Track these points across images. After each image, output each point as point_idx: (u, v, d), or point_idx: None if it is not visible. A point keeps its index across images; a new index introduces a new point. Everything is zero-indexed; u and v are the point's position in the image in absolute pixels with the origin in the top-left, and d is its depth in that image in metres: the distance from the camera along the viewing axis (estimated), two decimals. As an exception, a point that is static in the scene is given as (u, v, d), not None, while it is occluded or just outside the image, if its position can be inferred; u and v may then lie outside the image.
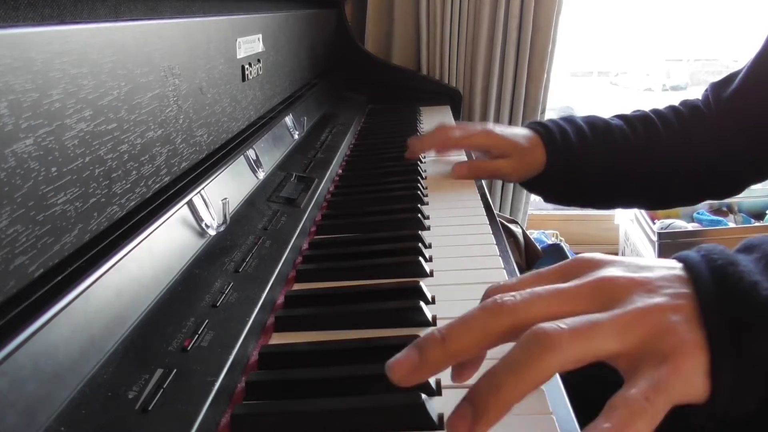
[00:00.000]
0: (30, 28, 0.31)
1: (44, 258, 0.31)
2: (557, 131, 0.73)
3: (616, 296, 0.28)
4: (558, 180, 0.74)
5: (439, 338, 0.29)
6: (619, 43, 2.49)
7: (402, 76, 1.36)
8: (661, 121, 0.73)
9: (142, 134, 0.43)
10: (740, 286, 0.27)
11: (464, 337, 0.29)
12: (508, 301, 0.29)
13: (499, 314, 0.28)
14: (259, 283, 0.44)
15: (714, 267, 0.29)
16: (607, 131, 0.73)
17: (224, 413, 0.33)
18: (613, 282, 0.29)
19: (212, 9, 0.58)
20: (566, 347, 0.26)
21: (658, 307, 0.27)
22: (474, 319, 0.29)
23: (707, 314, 0.27)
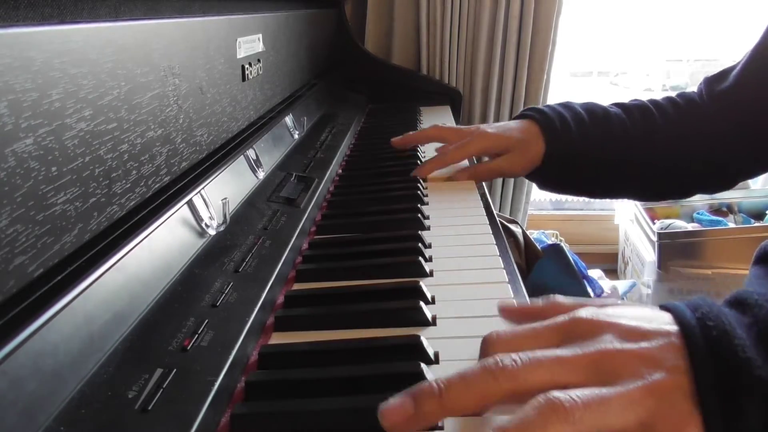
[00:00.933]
0: (30, 28, 0.31)
1: (44, 258, 0.31)
2: (556, 118, 0.72)
3: (616, 370, 0.29)
4: (555, 169, 0.73)
5: (437, 392, 0.29)
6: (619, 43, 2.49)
7: (402, 76, 1.36)
8: (659, 112, 0.73)
9: (142, 134, 0.43)
10: (734, 362, 0.27)
11: (462, 396, 0.29)
12: (509, 366, 0.29)
13: (500, 378, 0.29)
14: (258, 283, 0.44)
15: (709, 338, 0.29)
16: (605, 119, 0.72)
17: (224, 413, 0.33)
18: (614, 356, 0.29)
19: (212, 9, 0.58)
20: (579, 419, 0.26)
21: (658, 386, 0.28)
22: (474, 379, 0.29)
23: (702, 391, 0.27)
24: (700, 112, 0.72)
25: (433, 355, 0.37)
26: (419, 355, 0.37)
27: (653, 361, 0.29)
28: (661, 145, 0.71)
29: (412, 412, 0.29)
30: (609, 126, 0.72)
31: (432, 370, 0.35)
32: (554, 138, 0.71)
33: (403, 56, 1.43)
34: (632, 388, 0.27)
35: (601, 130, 0.72)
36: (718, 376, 0.27)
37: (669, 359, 0.29)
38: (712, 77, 0.74)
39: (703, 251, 1.59)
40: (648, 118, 0.72)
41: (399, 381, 0.34)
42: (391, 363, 0.36)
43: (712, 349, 0.28)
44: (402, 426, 0.29)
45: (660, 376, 0.28)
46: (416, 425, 0.29)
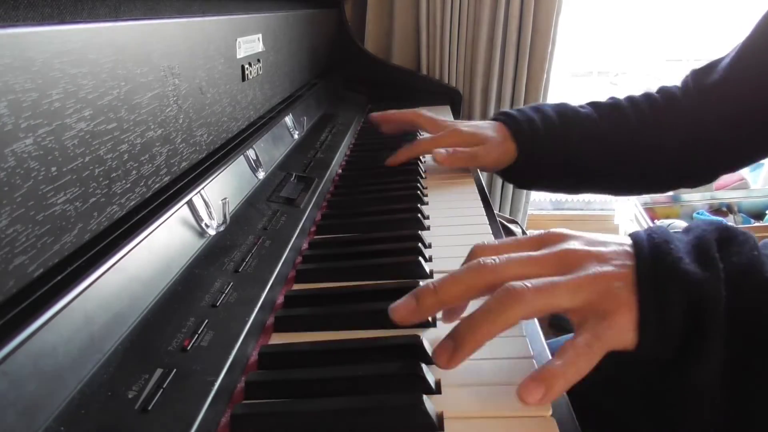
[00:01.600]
0: (30, 28, 0.31)
1: (44, 258, 0.31)
2: (524, 121, 0.73)
3: (573, 264, 0.35)
4: (527, 169, 0.74)
5: (433, 289, 0.36)
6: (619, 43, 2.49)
7: (402, 76, 1.36)
8: (633, 108, 0.73)
9: (142, 134, 0.43)
10: (668, 260, 0.34)
11: (452, 289, 0.36)
12: (489, 263, 0.36)
13: (482, 273, 0.36)
14: (258, 283, 0.44)
15: (652, 244, 0.35)
16: (575, 119, 0.73)
17: (224, 413, 0.33)
18: (573, 253, 0.36)
19: (212, 9, 0.58)
20: (529, 300, 0.33)
21: (604, 275, 0.34)
22: (461, 275, 0.36)
23: (641, 282, 0.33)
24: (680, 106, 0.73)
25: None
26: (419, 355, 0.37)
27: (605, 259, 0.35)
28: (633, 140, 0.72)
29: (415, 306, 0.36)
30: (579, 126, 0.73)
31: (432, 370, 0.35)
32: (523, 141, 0.72)
33: (403, 56, 1.43)
34: (582, 275, 0.34)
35: (571, 130, 0.73)
36: (654, 270, 0.34)
37: (618, 258, 0.35)
38: (699, 70, 0.74)
39: (703, 251, 1.58)
40: (619, 115, 0.73)
41: (399, 381, 0.34)
42: (391, 363, 0.36)
43: (654, 250, 0.35)
44: (408, 318, 0.36)
45: (608, 268, 0.35)
46: (419, 317, 0.36)
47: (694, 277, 0.33)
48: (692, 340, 0.32)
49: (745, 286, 0.33)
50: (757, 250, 0.35)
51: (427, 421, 0.31)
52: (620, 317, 0.33)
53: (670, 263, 0.34)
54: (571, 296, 0.34)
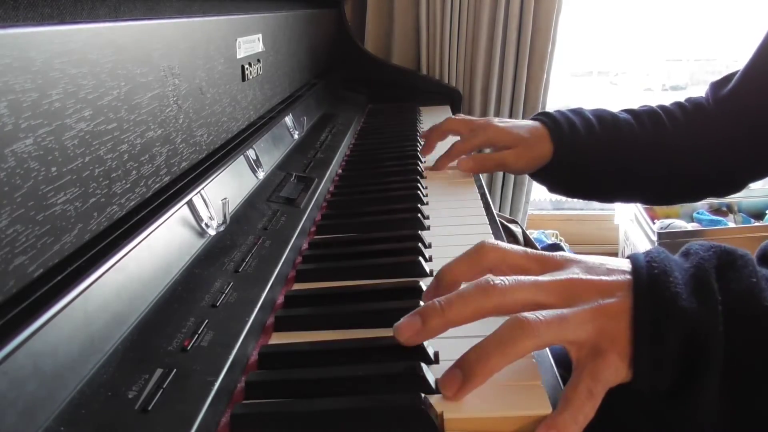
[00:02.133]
0: (30, 28, 0.31)
1: (44, 258, 0.31)
2: (565, 123, 0.73)
3: (578, 295, 0.35)
4: (564, 172, 0.74)
5: (440, 309, 0.35)
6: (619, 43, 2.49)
7: (402, 76, 1.36)
8: (668, 117, 0.74)
9: (142, 134, 0.43)
10: (665, 295, 0.34)
11: (460, 310, 0.35)
12: (498, 285, 0.35)
13: (490, 295, 0.35)
14: (258, 283, 0.44)
15: (651, 275, 0.35)
16: (615, 124, 0.73)
17: (224, 413, 0.33)
18: (578, 283, 0.36)
19: (212, 9, 0.58)
20: (541, 334, 0.33)
21: (605, 308, 0.34)
22: (470, 296, 0.35)
23: (637, 317, 0.33)
24: (707, 117, 0.73)
25: (433, 354, 0.37)
26: (419, 355, 0.37)
27: (608, 290, 0.35)
28: (670, 150, 0.72)
29: (421, 327, 0.35)
30: (618, 131, 0.73)
31: (432, 369, 0.35)
32: (562, 141, 0.72)
33: (403, 56, 1.43)
34: (587, 309, 0.34)
35: (610, 135, 0.73)
36: (652, 304, 0.33)
37: (620, 289, 0.35)
38: (717, 82, 0.74)
39: (703, 251, 1.58)
40: (657, 124, 0.73)
41: (399, 381, 0.34)
42: (391, 363, 0.36)
43: (652, 283, 0.34)
44: (413, 339, 0.35)
45: (609, 301, 0.35)
46: (424, 338, 0.36)
47: (692, 314, 0.33)
48: (689, 374, 0.33)
49: (743, 316, 0.33)
50: (756, 276, 0.34)
51: (427, 421, 0.31)
52: (615, 354, 0.33)
53: (667, 299, 0.33)
54: (576, 330, 0.34)
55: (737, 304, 0.33)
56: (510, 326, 0.33)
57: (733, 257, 0.36)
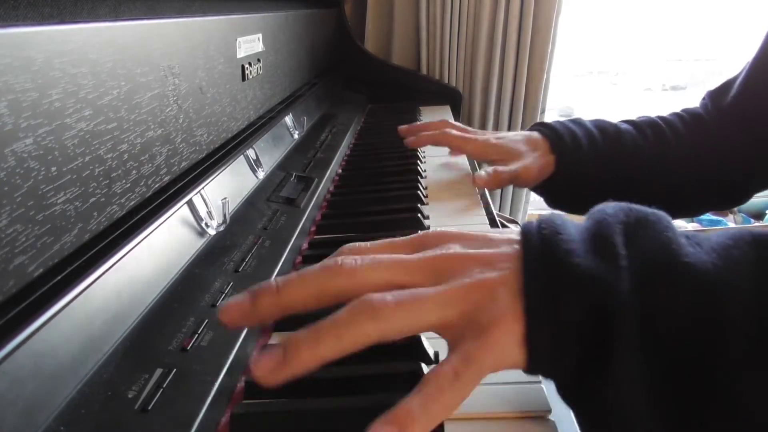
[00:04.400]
0: (30, 28, 0.31)
1: (44, 257, 0.31)
2: (567, 135, 0.70)
3: (450, 272, 0.30)
4: (566, 186, 0.71)
5: (275, 288, 0.29)
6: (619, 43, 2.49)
7: (402, 75, 1.36)
8: (670, 129, 0.71)
9: (142, 134, 0.43)
10: (557, 255, 0.28)
11: (298, 291, 0.29)
12: (348, 264, 0.29)
13: (336, 275, 0.29)
14: (259, 282, 0.44)
15: (541, 237, 0.30)
16: (617, 137, 0.70)
17: (224, 413, 0.33)
18: (452, 258, 0.30)
19: (212, 8, 0.58)
20: (387, 317, 0.27)
21: (485, 281, 0.29)
22: (312, 275, 0.30)
23: (527, 286, 0.28)
24: (707, 128, 0.71)
25: (433, 355, 0.37)
26: (419, 355, 0.37)
27: (488, 262, 0.30)
28: (673, 163, 0.70)
29: (249, 307, 0.29)
30: (621, 142, 0.70)
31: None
32: (565, 155, 0.69)
33: (403, 56, 1.43)
34: (457, 284, 0.29)
35: (613, 148, 0.70)
36: (542, 269, 0.28)
37: (504, 261, 0.30)
38: (715, 91, 0.72)
39: (703, 251, 1.58)
40: (660, 136, 0.71)
41: (399, 381, 0.34)
42: (391, 363, 0.36)
43: (541, 246, 0.29)
44: (239, 320, 0.29)
45: (491, 274, 0.29)
46: (252, 321, 0.30)
47: (590, 274, 0.27)
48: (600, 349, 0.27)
49: (656, 276, 0.27)
50: (671, 231, 0.29)
51: (427, 421, 0.31)
52: (500, 332, 0.27)
53: (559, 259, 0.28)
54: (441, 311, 0.28)
55: (649, 264, 0.28)
56: (350, 307, 0.28)
57: (644, 213, 0.31)
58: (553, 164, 0.69)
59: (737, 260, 0.27)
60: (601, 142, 0.70)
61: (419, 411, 0.26)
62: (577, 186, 0.71)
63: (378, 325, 0.27)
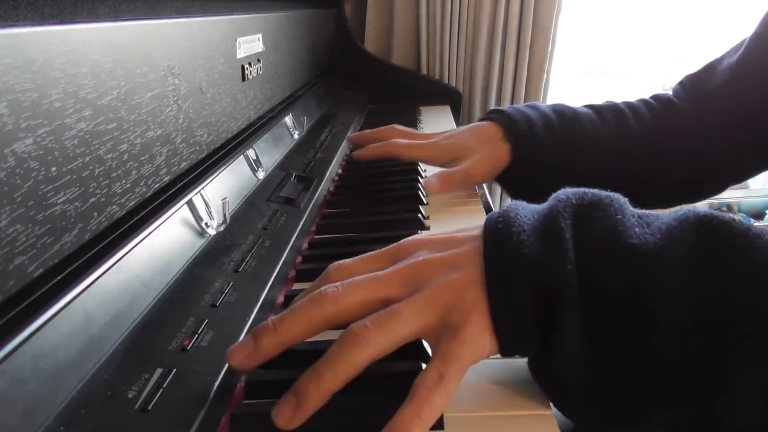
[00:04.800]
0: (30, 28, 0.31)
1: (44, 258, 0.31)
2: (521, 119, 0.65)
3: (422, 279, 0.32)
4: (522, 173, 0.66)
5: (272, 327, 0.32)
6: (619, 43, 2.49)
7: (402, 75, 1.36)
8: (634, 115, 0.68)
9: (142, 134, 0.43)
10: (509, 246, 0.31)
11: (293, 326, 0.32)
12: (330, 293, 0.32)
13: (322, 304, 0.32)
14: (258, 282, 0.44)
15: (496, 231, 0.32)
16: (574, 121, 0.66)
17: (224, 413, 0.33)
18: (420, 265, 0.33)
19: (212, 9, 0.58)
20: (372, 340, 0.30)
21: (451, 282, 0.31)
22: (301, 309, 0.33)
23: (487, 280, 0.31)
24: (680, 115, 0.68)
25: (433, 354, 0.37)
26: (419, 354, 0.37)
27: (454, 263, 0.32)
28: (636, 149, 0.66)
29: (253, 348, 0.32)
30: (579, 128, 0.66)
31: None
32: (520, 142, 0.65)
33: (403, 56, 1.43)
34: (427, 291, 0.31)
35: (571, 131, 0.66)
36: (496, 262, 0.31)
37: (467, 259, 0.32)
38: (696, 74, 0.70)
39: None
40: (621, 120, 0.67)
41: (399, 381, 0.34)
42: (391, 363, 0.36)
43: (496, 239, 0.32)
44: (246, 362, 0.32)
45: (456, 274, 0.31)
46: (258, 360, 0.32)
47: (535, 259, 0.30)
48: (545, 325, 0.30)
49: (602, 257, 0.29)
50: (623, 214, 0.31)
51: (427, 420, 0.31)
52: (470, 327, 0.30)
53: (511, 249, 0.30)
54: (417, 319, 0.31)
55: (595, 245, 0.30)
56: (339, 341, 0.31)
57: (597, 197, 0.33)
58: (508, 153, 0.65)
59: (676, 240, 0.29)
60: (558, 127, 0.66)
61: (414, 418, 0.28)
62: (535, 173, 0.66)
63: (365, 351, 0.30)
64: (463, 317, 0.30)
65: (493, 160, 0.66)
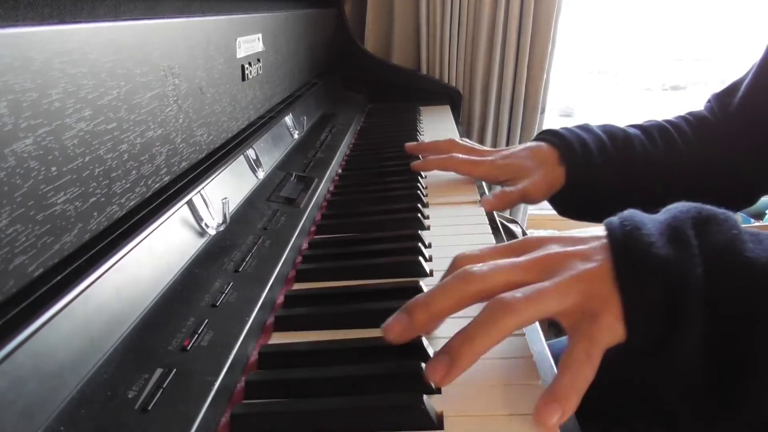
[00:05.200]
0: (30, 28, 0.31)
1: (44, 258, 0.31)
2: (576, 144, 0.68)
3: (557, 267, 0.36)
4: (577, 195, 0.69)
5: (423, 303, 0.36)
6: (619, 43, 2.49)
7: (402, 75, 1.36)
8: (678, 133, 0.71)
9: (142, 134, 0.43)
10: (639, 246, 0.34)
11: (443, 301, 0.36)
12: (477, 271, 0.36)
13: (470, 282, 0.36)
14: (258, 282, 0.44)
15: (624, 233, 0.36)
16: (627, 143, 0.69)
17: (224, 413, 0.33)
18: (556, 256, 0.37)
19: (212, 8, 0.58)
20: (521, 310, 0.33)
21: (586, 272, 0.35)
22: (450, 286, 0.36)
23: (617, 274, 0.34)
24: (714, 132, 0.71)
25: (432, 354, 0.37)
26: (419, 355, 0.37)
27: (585, 256, 0.36)
28: (684, 167, 0.69)
29: (408, 322, 0.35)
30: (631, 150, 0.69)
31: (432, 369, 0.35)
32: (575, 165, 0.67)
33: (403, 56, 1.43)
34: (567, 277, 0.35)
35: (624, 154, 0.69)
36: (628, 258, 0.34)
37: (597, 254, 0.36)
38: (721, 93, 0.72)
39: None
40: (668, 140, 0.70)
41: (399, 381, 0.34)
42: (391, 363, 0.36)
43: (626, 238, 0.35)
44: (402, 336, 0.36)
45: (589, 266, 0.35)
46: (413, 334, 0.36)
47: (667, 259, 0.33)
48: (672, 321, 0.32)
49: (722, 265, 0.33)
50: (737, 229, 0.35)
51: (427, 420, 0.31)
52: (607, 314, 0.33)
53: (642, 249, 0.34)
54: (560, 300, 0.34)
55: (716, 255, 0.33)
56: (490, 307, 0.34)
57: (714, 213, 0.36)
58: (563, 176, 0.68)
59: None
60: (612, 150, 0.69)
61: (571, 386, 0.32)
62: (588, 195, 0.69)
63: (514, 318, 0.33)
64: (601, 305, 0.33)
65: (549, 182, 0.68)
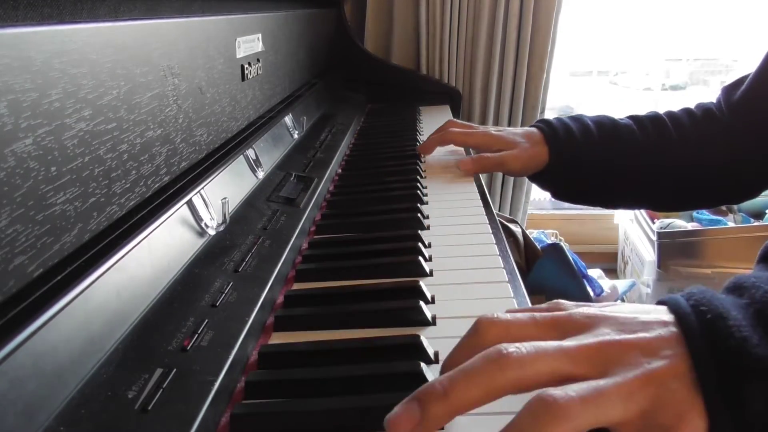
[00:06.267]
0: (30, 28, 0.31)
1: (44, 258, 0.31)
2: (561, 128, 0.75)
3: (615, 360, 0.28)
4: (561, 176, 0.75)
5: (441, 392, 0.27)
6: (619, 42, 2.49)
7: (402, 75, 1.36)
8: (674, 124, 0.73)
9: (142, 134, 0.43)
10: (730, 343, 0.27)
11: (469, 392, 0.27)
12: (513, 354, 0.28)
13: (504, 368, 0.28)
14: (258, 282, 0.44)
15: (704, 322, 0.29)
16: (613, 129, 0.74)
17: (224, 413, 0.33)
18: (612, 345, 0.29)
19: (212, 8, 0.58)
20: (574, 415, 0.25)
21: (656, 373, 0.28)
22: (478, 372, 0.28)
23: (702, 378, 0.27)
24: (718, 124, 0.72)
25: (433, 354, 0.37)
26: (419, 354, 0.37)
27: (651, 349, 0.28)
28: (674, 157, 0.72)
29: (419, 418, 0.27)
30: (616, 134, 0.74)
31: (432, 369, 0.35)
32: (557, 143, 0.74)
33: (403, 56, 1.43)
34: (632, 377, 0.27)
35: (607, 139, 0.74)
36: (715, 360, 0.27)
37: (666, 347, 0.28)
38: (729, 85, 0.74)
39: (703, 250, 1.59)
40: (661, 130, 0.73)
41: (399, 381, 0.34)
42: (391, 363, 0.36)
43: (708, 332, 0.28)
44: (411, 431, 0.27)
45: (658, 363, 0.28)
46: (425, 429, 0.27)
47: None
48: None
49: None
50: None
51: (427, 420, 0.31)
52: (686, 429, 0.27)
53: (734, 348, 0.27)
54: (623, 405, 0.27)
55: None
56: (534, 409, 0.26)
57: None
58: (546, 154, 0.74)
59: None
60: (596, 134, 0.74)
61: None
62: (572, 177, 0.75)
63: (565, 425, 0.25)
64: (675, 419, 0.27)
65: (529, 157, 0.75)
